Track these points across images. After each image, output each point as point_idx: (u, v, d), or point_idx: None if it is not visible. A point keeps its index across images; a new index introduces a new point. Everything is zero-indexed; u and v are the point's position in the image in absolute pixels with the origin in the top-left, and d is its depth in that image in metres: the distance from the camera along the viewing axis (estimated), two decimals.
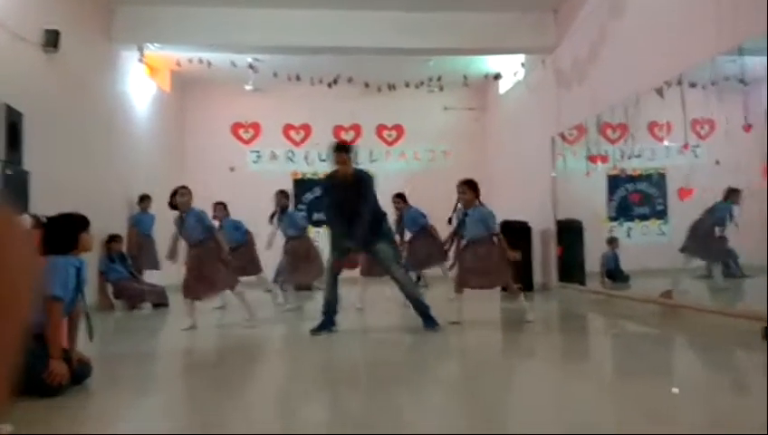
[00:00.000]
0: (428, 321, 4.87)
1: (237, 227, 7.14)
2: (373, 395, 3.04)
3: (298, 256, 6.69)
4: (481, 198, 5.37)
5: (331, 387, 3.31)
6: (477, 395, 3.01)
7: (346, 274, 5.10)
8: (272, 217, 6.83)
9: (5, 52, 5.25)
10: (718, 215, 5.47)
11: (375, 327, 5.53)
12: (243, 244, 7.08)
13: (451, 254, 5.60)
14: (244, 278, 6.56)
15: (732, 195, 5.33)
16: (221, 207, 7.21)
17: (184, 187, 5.50)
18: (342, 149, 4.99)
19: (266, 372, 3.88)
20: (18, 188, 4.31)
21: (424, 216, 7.43)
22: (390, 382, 3.29)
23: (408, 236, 7.42)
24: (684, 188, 5.51)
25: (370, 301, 6.67)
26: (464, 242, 5.33)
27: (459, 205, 5.34)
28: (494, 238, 5.27)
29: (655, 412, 2.48)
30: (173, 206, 5.41)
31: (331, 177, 5.07)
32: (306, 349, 4.46)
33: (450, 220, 5.48)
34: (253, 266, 7.13)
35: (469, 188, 5.28)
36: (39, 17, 5.79)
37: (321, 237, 8.72)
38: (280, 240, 6.85)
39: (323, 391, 3.22)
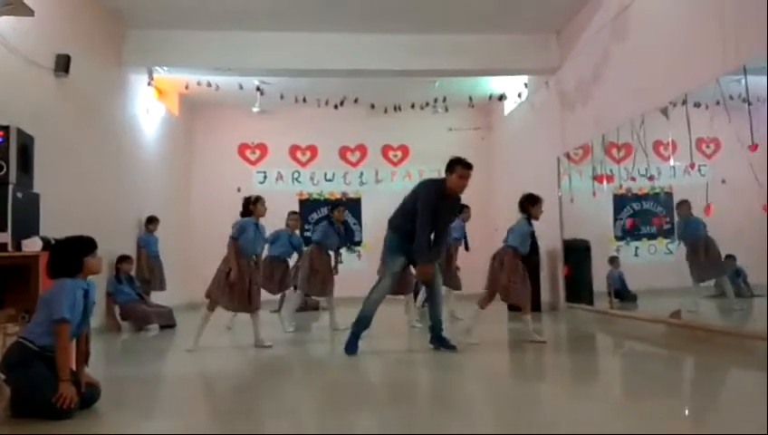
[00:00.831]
0: (443, 343, 4.85)
1: (293, 243, 7.23)
2: (377, 415, 3.01)
3: (314, 268, 6.67)
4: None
5: (342, 409, 3.29)
6: (490, 413, 2.99)
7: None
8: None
9: (18, 76, 5.34)
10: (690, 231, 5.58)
11: (389, 349, 5.50)
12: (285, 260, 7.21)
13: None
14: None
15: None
16: (296, 216, 7.35)
17: (262, 198, 5.56)
18: (471, 166, 5.13)
19: (276, 392, 3.86)
20: (29, 210, 4.35)
21: (458, 231, 7.36)
22: (403, 401, 3.27)
23: None
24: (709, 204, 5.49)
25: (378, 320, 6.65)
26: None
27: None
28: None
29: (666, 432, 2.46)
30: (248, 213, 5.38)
31: (440, 191, 5.02)
32: (315, 369, 4.44)
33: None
34: (286, 283, 7.24)
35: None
36: (50, 42, 5.90)
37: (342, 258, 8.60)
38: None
39: (334, 412, 3.21)
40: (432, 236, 4.86)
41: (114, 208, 7.36)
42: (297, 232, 7.32)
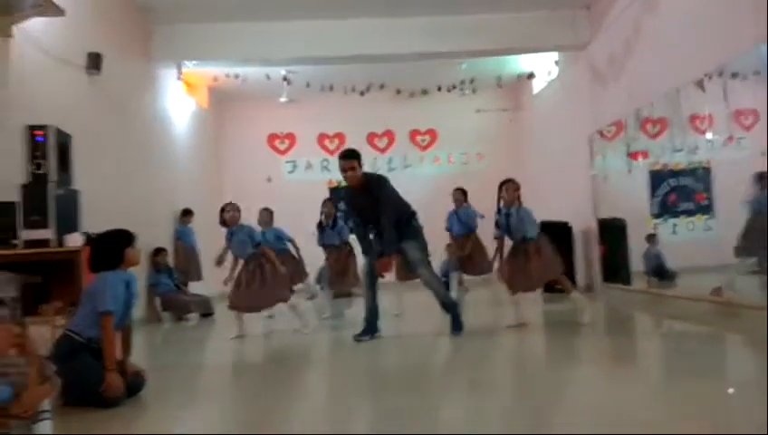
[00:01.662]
0: (456, 323, 4.85)
1: (279, 236, 7.18)
2: (416, 397, 3.03)
3: (338, 264, 6.77)
4: (521, 199, 5.35)
5: (376, 392, 3.32)
6: (523, 398, 2.98)
7: (382, 280, 5.10)
8: (319, 225, 6.95)
9: (53, 76, 5.46)
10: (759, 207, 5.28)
11: (416, 332, 5.53)
12: (285, 252, 7.10)
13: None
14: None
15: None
16: (266, 213, 7.21)
17: (230, 203, 5.59)
18: (349, 155, 4.89)
19: (313, 378, 3.92)
20: (69, 207, 4.47)
21: (476, 217, 7.36)
22: (431, 385, 3.28)
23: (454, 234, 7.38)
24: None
25: (410, 305, 6.67)
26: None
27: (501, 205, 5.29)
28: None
29: (710, 413, 2.42)
30: (223, 222, 5.49)
31: (346, 193, 5.10)
32: (348, 356, 4.49)
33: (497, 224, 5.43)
34: (298, 275, 7.16)
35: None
36: (82, 41, 6.01)
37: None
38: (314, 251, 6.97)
39: (368, 395, 3.24)
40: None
41: (149, 202, 7.51)
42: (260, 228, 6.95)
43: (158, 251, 7.46)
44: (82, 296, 3.29)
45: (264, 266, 5.34)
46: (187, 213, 8.44)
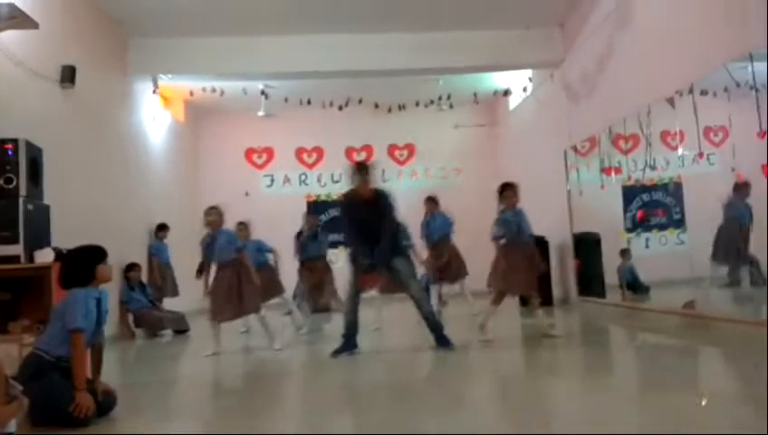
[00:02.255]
0: (441, 340, 4.85)
1: (260, 248, 7.13)
2: (396, 414, 3.02)
3: (314, 278, 6.75)
4: (495, 213, 5.40)
5: (353, 409, 3.30)
6: (502, 410, 2.98)
7: (364, 294, 5.09)
8: (298, 235, 6.92)
9: (25, 89, 5.38)
10: (734, 214, 5.38)
11: (396, 347, 5.51)
12: (265, 265, 7.05)
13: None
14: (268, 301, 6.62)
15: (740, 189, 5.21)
16: (243, 226, 7.18)
17: (213, 207, 5.52)
18: (363, 170, 4.98)
19: (290, 395, 3.87)
20: (40, 222, 4.39)
21: (452, 224, 7.41)
22: (411, 401, 3.27)
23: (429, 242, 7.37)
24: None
25: (389, 320, 6.66)
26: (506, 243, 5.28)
27: (503, 207, 5.34)
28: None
29: (682, 423, 2.44)
30: (207, 224, 5.43)
31: (348, 196, 5.05)
32: (327, 371, 4.45)
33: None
34: (275, 288, 7.08)
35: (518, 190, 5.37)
36: (56, 54, 5.94)
37: (337, 258, 8.79)
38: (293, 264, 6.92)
39: (346, 412, 3.21)
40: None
41: (123, 217, 7.40)
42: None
43: (131, 267, 7.34)
44: (52, 314, 3.22)
45: (241, 275, 5.29)
46: (162, 228, 8.33)
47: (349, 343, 4.89)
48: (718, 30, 4.85)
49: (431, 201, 7.44)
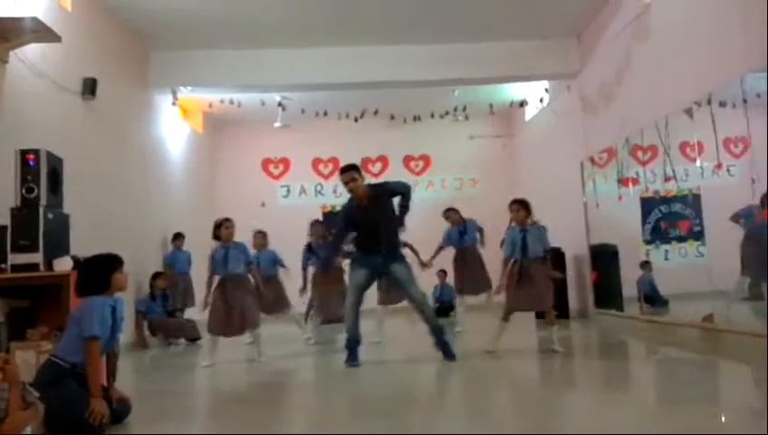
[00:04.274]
0: (445, 348, 4.80)
1: (274, 260, 7.09)
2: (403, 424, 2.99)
3: (326, 287, 6.68)
4: (511, 224, 5.34)
5: (362, 420, 3.28)
6: (516, 423, 2.95)
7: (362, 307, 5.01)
8: (308, 248, 6.88)
9: (47, 100, 5.50)
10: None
11: (398, 359, 5.47)
12: (275, 278, 7.01)
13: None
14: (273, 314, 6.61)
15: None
16: (261, 235, 7.15)
17: (228, 219, 5.53)
18: (346, 169, 4.93)
19: (300, 405, 3.87)
20: (59, 230, 4.45)
21: (481, 230, 7.31)
22: (418, 412, 3.24)
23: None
24: None
25: (389, 332, 6.61)
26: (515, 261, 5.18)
27: (513, 224, 5.25)
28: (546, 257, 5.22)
29: None
30: (217, 237, 5.44)
31: (349, 206, 4.98)
32: (335, 382, 4.44)
33: (502, 243, 5.39)
34: (281, 303, 7.01)
35: (523, 206, 5.22)
36: (77, 67, 6.07)
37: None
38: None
39: (355, 423, 3.20)
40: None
41: (141, 226, 7.48)
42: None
43: (156, 275, 7.40)
44: (68, 321, 3.26)
45: (245, 292, 5.28)
46: (178, 237, 8.37)
47: (351, 354, 4.82)
48: (736, 40, 4.80)
49: (455, 211, 7.34)
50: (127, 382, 3.54)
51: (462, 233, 7.24)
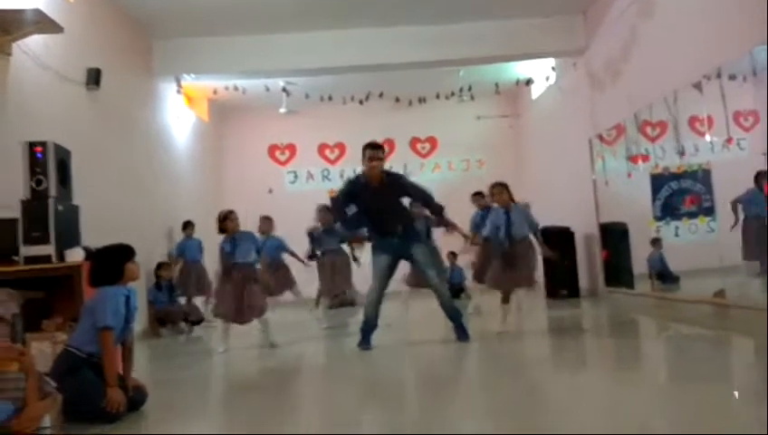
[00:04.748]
0: (460, 331, 4.82)
1: (280, 247, 7.13)
2: (421, 405, 3.02)
3: (333, 268, 6.71)
4: (522, 203, 5.37)
5: (380, 402, 3.31)
6: (524, 401, 2.96)
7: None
8: (311, 234, 6.90)
9: (52, 92, 5.49)
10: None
11: (422, 340, 5.50)
12: (281, 263, 7.06)
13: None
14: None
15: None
16: (267, 221, 7.16)
17: (231, 211, 5.55)
18: (380, 146, 4.86)
19: (316, 389, 3.90)
20: (69, 222, 4.47)
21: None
22: (436, 392, 3.26)
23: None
24: None
25: (413, 314, 6.65)
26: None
27: (495, 206, 5.31)
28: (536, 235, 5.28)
29: (715, 415, 2.39)
30: (222, 230, 5.46)
31: (356, 181, 4.88)
32: (350, 366, 4.47)
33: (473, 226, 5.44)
34: (286, 283, 7.07)
35: (505, 188, 5.27)
36: (81, 57, 6.05)
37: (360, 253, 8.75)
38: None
39: (372, 406, 3.22)
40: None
41: (149, 215, 7.51)
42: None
43: (160, 265, 7.43)
44: (82, 311, 3.29)
45: (252, 281, 5.33)
46: (188, 225, 8.37)
47: (364, 338, 4.85)
48: (746, 13, 4.71)
49: (481, 196, 7.22)
50: (141, 371, 3.58)
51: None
